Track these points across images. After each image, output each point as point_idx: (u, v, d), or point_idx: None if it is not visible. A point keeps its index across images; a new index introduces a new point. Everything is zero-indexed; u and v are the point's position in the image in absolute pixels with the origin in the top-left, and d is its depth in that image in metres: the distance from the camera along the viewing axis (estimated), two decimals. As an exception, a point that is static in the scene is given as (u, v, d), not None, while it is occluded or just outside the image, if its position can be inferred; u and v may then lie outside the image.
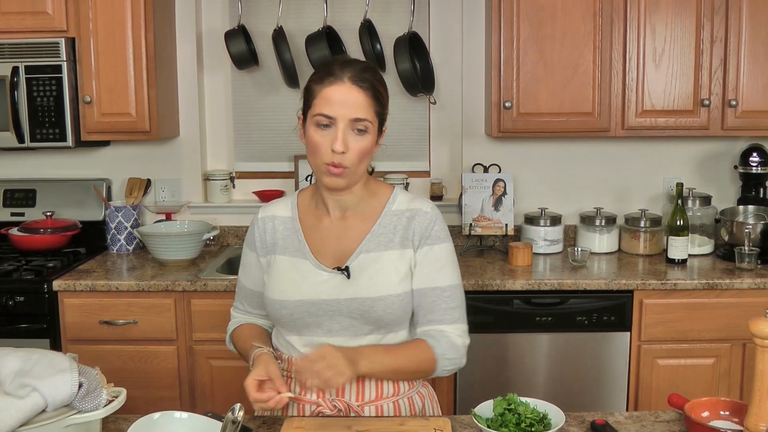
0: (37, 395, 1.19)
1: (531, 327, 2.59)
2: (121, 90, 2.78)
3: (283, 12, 3.01)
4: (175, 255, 2.78)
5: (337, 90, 1.45)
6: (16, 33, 2.74)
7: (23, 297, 2.55)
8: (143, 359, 2.62)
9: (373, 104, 1.48)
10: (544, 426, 1.42)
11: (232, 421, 1.33)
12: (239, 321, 1.73)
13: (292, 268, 1.57)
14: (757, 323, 1.34)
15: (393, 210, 1.58)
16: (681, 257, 2.73)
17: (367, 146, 1.49)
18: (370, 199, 1.59)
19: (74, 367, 1.24)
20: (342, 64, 1.49)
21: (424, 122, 3.19)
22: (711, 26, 2.70)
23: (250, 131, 3.23)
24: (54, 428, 1.20)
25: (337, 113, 1.45)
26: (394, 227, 1.56)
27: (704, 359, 2.58)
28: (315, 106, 1.47)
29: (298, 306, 1.54)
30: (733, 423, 1.45)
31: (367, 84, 1.47)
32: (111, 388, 1.28)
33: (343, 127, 1.46)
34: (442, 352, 1.54)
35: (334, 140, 1.45)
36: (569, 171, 3.13)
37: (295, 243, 1.58)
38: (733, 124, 2.75)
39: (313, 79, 1.51)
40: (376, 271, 1.53)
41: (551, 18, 2.72)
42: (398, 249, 1.55)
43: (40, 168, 3.18)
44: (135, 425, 1.36)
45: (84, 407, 1.23)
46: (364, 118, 1.47)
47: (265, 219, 1.63)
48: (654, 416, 1.54)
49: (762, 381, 1.34)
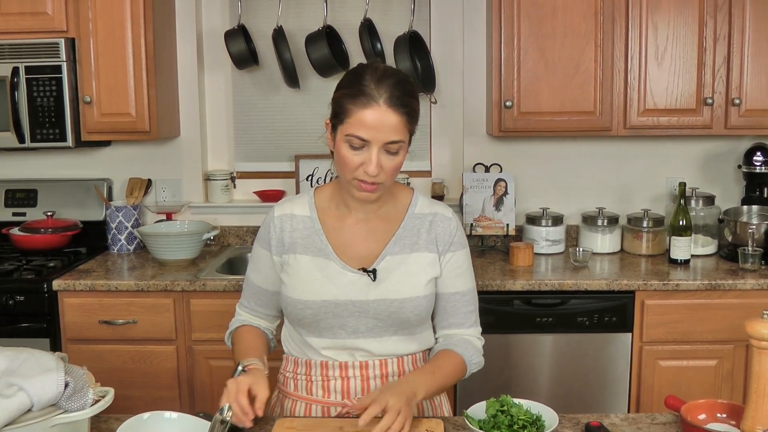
0: (23, 394, 1.18)
1: (531, 328, 2.57)
2: (120, 90, 2.78)
3: (283, 11, 3.00)
4: (175, 255, 2.78)
5: (372, 114, 1.41)
6: (17, 33, 2.74)
7: (23, 296, 2.56)
8: (143, 359, 2.62)
9: (408, 124, 1.45)
10: (537, 428, 1.41)
11: (221, 421, 1.32)
12: (244, 320, 1.70)
13: (316, 268, 1.55)
14: (753, 324, 1.32)
15: (416, 213, 1.60)
16: (684, 257, 2.70)
17: (400, 162, 1.48)
18: (392, 202, 1.60)
19: (60, 367, 1.23)
20: (377, 82, 1.42)
21: (425, 122, 3.17)
22: (714, 24, 2.67)
23: (250, 131, 3.22)
24: (40, 428, 1.19)
25: (372, 137, 1.42)
26: (418, 230, 1.58)
27: (707, 361, 2.55)
28: (348, 125, 1.43)
29: (323, 306, 1.53)
30: (730, 426, 1.43)
31: (402, 105, 1.43)
32: (98, 387, 1.27)
33: (377, 151, 1.43)
34: (470, 358, 1.61)
35: (367, 162, 1.43)
36: (571, 170, 3.11)
37: (317, 243, 1.57)
38: (736, 123, 2.72)
39: (345, 93, 1.45)
40: (404, 273, 1.54)
41: (552, 16, 2.70)
42: (423, 252, 1.57)
43: (41, 168, 3.18)
44: (124, 425, 1.35)
45: (70, 407, 1.22)
46: (399, 140, 1.44)
47: (283, 217, 1.60)
48: (650, 418, 1.52)
49: (758, 383, 1.32)
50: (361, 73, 1.46)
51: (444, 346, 1.62)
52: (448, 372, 1.57)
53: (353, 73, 1.49)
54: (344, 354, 1.57)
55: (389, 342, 1.57)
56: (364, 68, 1.48)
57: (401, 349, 1.58)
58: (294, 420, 1.49)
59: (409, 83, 1.48)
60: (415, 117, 1.48)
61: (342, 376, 1.56)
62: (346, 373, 1.56)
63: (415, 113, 1.48)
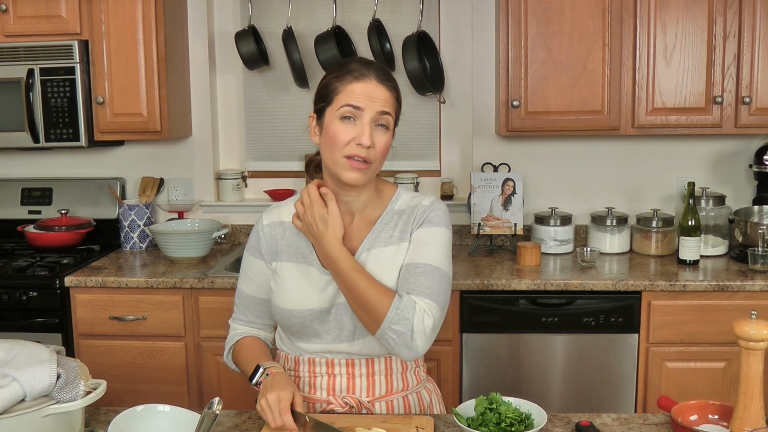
0: (16, 385, 1.22)
1: (537, 327, 2.56)
2: (132, 91, 2.83)
3: (293, 12, 3.03)
4: (185, 253, 2.82)
5: (364, 85, 1.48)
6: (32, 36, 2.81)
7: (36, 292, 2.62)
8: (152, 355, 2.66)
9: (395, 104, 1.52)
10: (525, 426, 1.41)
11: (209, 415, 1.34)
12: (241, 333, 1.66)
13: (300, 276, 1.55)
14: (741, 325, 1.31)
15: (395, 209, 1.58)
16: (693, 258, 2.68)
17: (389, 143, 1.52)
18: (376, 200, 1.58)
19: (53, 359, 1.27)
20: (366, 64, 1.51)
21: (435, 121, 3.18)
22: (724, 21, 2.64)
23: (261, 131, 3.26)
24: (33, 417, 1.23)
25: (366, 104, 1.47)
26: (395, 224, 1.56)
27: (714, 363, 2.52)
28: (339, 99, 1.48)
29: (309, 315, 1.54)
30: (722, 427, 1.41)
31: (392, 84, 1.52)
32: (90, 380, 1.30)
33: (369, 121, 1.47)
34: (396, 315, 1.41)
35: (360, 134, 1.46)
36: (580, 170, 3.10)
37: (303, 249, 1.57)
38: (746, 122, 2.69)
39: (334, 76, 1.51)
40: (376, 269, 1.52)
41: (559, 15, 2.69)
42: (396, 244, 1.54)
43: (56, 167, 3.25)
44: (118, 417, 1.38)
45: (62, 398, 1.25)
46: (389, 111, 1.50)
47: (273, 225, 1.60)
48: (642, 419, 1.52)
49: (747, 384, 1.31)
50: (347, 61, 1.56)
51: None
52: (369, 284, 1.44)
53: (338, 62, 1.60)
54: (332, 356, 1.57)
55: (372, 341, 1.53)
56: (345, 59, 1.57)
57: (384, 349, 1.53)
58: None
59: (392, 76, 1.56)
60: (400, 102, 1.55)
61: (328, 374, 1.57)
62: (333, 370, 1.57)
63: (399, 97, 1.55)
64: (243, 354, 1.62)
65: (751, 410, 1.30)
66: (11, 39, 2.81)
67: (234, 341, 1.66)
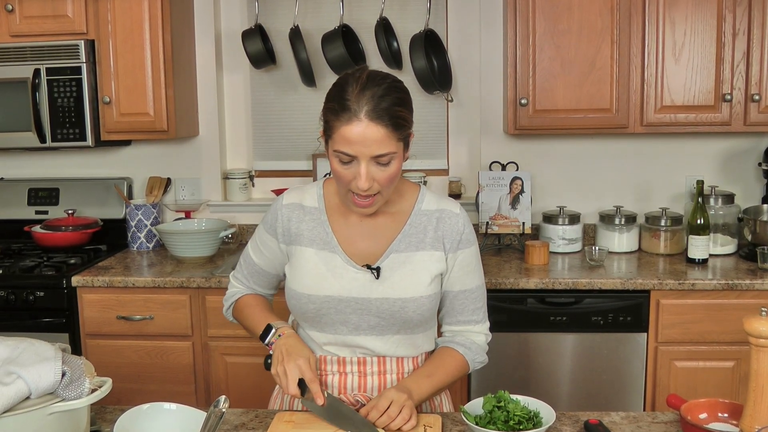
0: (21, 382, 1.21)
1: (545, 326, 2.54)
2: (139, 90, 2.83)
3: (300, 11, 3.03)
4: (192, 252, 2.82)
5: (354, 129, 1.38)
6: (38, 36, 2.82)
7: (43, 292, 2.62)
8: (159, 354, 2.66)
9: (395, 134, 1.40)
10: (534, 424, 1.40)
11: (216, 413, 1.34)
12: (242, 291, 1.70)
13: (320, 261, 1.54)
14: (751, 322, 1.29)
15: (422, 210, 1.58)
16: (701, 257, 2.65)
17: (394, 172, 1.44)
18: (398, 199, 1.58)
19: (58, 356, 1.26)
20: (359, 94, 1.39)
21: (442, 120, 3.17)
22: (733, 18, 2.62)
23: (268, 130, 3.25)
24: (38, 415, 1.22)
25: (358, 152, 1.40)
26: (425, 227, 1.56)
27: (724, 362, 2.50)
28: (334, 141, 1.42)
29: (326, 301, 1.53)
30: (731, 425, 1.40)
31: (386, 116, 1.39)
32: (95, 378, 1.29)
33: (365, 164, 1.41)
34: (473, 357, 1.61)
35: (357, 177, 1.41)
36: (589, 169, 3.08)
37: (323, 236, 1.56)
38: (756, 120, 2.66)
39: (329, 108, 1.44)
40: (408, 272, 1.53)
41: (567, 13, 2.68)
42: (429, 250, 1.55)
43: (63, 167, 3.26)
44: (124, 415, 1.38)
45: (67, 395, 1.24)
46: (386, 152, 1.40)
47: (291, 206, 1.59)
48: (651, 417, 1.50)
49: (756, 381, 1.29)
50: (343, 84, 1.44)
51: (447, 344, 1.61)
52: (447, 372, 1.57)
53: (337, 84, 1.46)
54: (345, 350, 1.57)
55: (391, 341, 1.56)
56: (347, 79, 1.44)
57: (402, 350, 1.57)
58: (294, 414, 1.50)
59: (396, 89, 1.43)
60: (404, 125, 1.44)
61: (340, 372, 1.57)
62: (344, 368, 1.57)
63: (403, 121, 1.43)
64: (248, 311, 1.65)
65: (762, 407, 1.28)
66: (17, 39, 2.82)
67: (235, 298, 1.69)
